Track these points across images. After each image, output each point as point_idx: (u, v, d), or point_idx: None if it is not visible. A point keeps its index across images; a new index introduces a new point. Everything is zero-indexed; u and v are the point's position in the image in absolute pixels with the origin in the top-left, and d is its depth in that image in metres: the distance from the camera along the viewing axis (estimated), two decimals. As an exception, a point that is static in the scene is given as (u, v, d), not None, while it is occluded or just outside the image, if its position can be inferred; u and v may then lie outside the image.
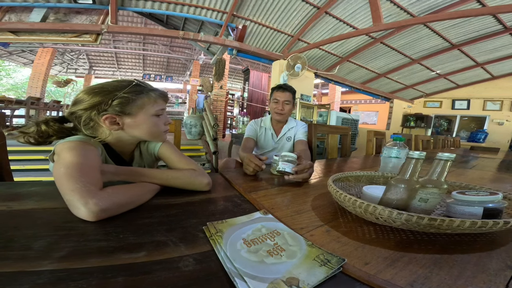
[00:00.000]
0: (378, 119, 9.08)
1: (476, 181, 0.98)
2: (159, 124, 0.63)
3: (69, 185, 0.41)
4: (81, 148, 0.50)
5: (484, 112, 6.03)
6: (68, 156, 0.47)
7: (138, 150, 0.72)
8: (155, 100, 0.60)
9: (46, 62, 6.89)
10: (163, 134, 0.65)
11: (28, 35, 2.70)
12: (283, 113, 1.32)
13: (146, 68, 10.44)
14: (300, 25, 3.36)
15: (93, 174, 0.45)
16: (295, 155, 0.72)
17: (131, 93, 0.56)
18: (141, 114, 0.58)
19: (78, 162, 0.45)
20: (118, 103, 0.55)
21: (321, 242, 0.37)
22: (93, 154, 0.52)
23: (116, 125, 0.57)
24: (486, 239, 0.41)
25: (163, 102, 0.63)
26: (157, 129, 0.62)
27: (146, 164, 0.74)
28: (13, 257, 0.29)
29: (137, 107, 0.57)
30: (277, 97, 1.32)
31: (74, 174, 0.42)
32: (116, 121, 0.57)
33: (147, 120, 0.59)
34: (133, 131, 0.60)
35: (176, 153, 0.69)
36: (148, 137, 0.63)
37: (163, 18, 3.65)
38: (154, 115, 0.60)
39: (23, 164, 2.27)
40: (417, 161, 0.47)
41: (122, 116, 0.57)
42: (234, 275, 0.28)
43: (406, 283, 0.28)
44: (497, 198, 0.43)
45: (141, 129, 0.60)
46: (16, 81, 12.35)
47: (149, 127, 0.60)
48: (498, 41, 3.78)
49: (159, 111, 0.61)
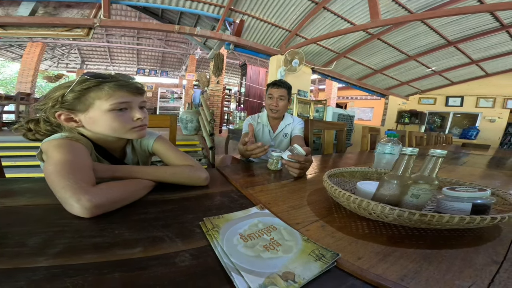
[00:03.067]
0: (373, 115, 9.14)
1: (466, 178, 1.01)
2: (122, 120, 0.55)
3: (59, 182, 0.40)
4: (67, 145, 0.49)
5: (477, 109, 6.13)
6: (55, 154, 0.46)
7: (130, 146, 0.70)
8: (110, 93, 0.53)
9: (35, 56, 6.68)
10: (132, 131, 0.57)
11: (16, 30, 2.60)
12: (278, 109, 1.32)
13: (140, 63, 10.23)
14: (298, 20, 3.33)
15: (84, 171, 0.45)
16: (305, 152, 0.76)
17: (80, 87, 0.52)
18: (93, 110, 0.53)
19: (66, 159, 0.44)
20: (68, 100, 0.52)
21: (316, 237, 0.38)
22: (82, 151, 0.50)
23: (73, 122, 0.55)
24: (474, 235, 0.42)
25: (126, 95, 0.55)
26: (119, 125, 0.55)
27: (140, 160, 0.73)
28: (7, 254, 0.29)
29: (86, 102, 0.53)
30: (271, 93, 1.32)
31: (63, 172, 0.42)
32: (72, 118, 0.54)
33: (103, 116, 0.53)
34: (94, 128, 0.55)
35: (172, 148, 0.67)
36: (112, 133, 0.56)
37: (158, 12, 3.56)
38: (112, 110, 0.53)
39: (15, 160, 2.22)
40: (410, 158, 0.48)
41: (75, 113, 0.54)
42: (231, 270, 0.28)
43: (397, 278, 0.29)
44: (485, 194, 0.44)
45: (99, 126, 0.55)
46: (4, 76, 11.96)
47: (108, 123, 0.54)
48: (494, 38, 3.81)
49: (117, 105, 0.53)
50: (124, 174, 0.53)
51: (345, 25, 3.37)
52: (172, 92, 9.61)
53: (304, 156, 0.75)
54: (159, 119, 1.03)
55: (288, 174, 0.77)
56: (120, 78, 0.56)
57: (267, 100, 1.36)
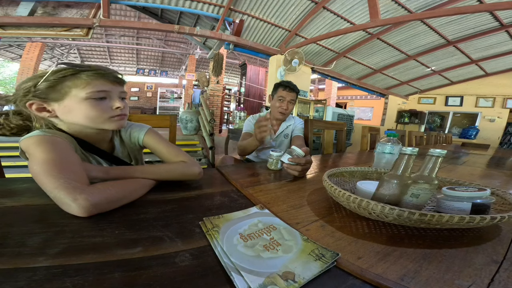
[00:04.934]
0: (373, 115, 9.15)
1: (466, 177, 1.01)
2: (100, 108, 0.53)
3: (50, 183, 0.40)
4: (49, 141, 0.47)
5: (476, 108, 6.13)
6: (38, 152, 0.44)
7: (118, 138, 0.67)
8: (88, 81, 0.52)
9: (35, 56, 6.66)
10: (110, 120, 0.56)
11: (15, 29, 2.59)
12: (286, 112, 1.32)
13: (140, 63, 10.22)
14: (298, 20, 3.33)
15: (73, 169, 0.44)
16: (303, 153, 0.75)
17: (55, 76, 0.51)
18: (68, 98, 0.52)
19: (51, 157, 0.43)
20: (41, 89, 0.50)
21: (316, 237, 0.38)
22: (65, 146, 0.49)
23: (46, 112, 0.53)
24: (473, 234, 0.42)
25: (105, 83, 0.54)
26: (96, 114, 0.53)
27: (131, 154, 0.71)
28: (8, 254, 0.29)
29: (62, 91, 0.51)
30: (283, 96, 1.29)
31: (52, 171, 0.41)
32: (45, 108, 0.52)
33: (80, 105, 0.52)
34: (68, 118, 0.53)
35: (163, 141, 0.66)
36: (89, 123, 0.54)
37: (157, 12, 3.55)
38: (89, 98, 0.52)
39: (14, 161, 2.22)
40: (409, 157, 0.48)
41: (49, 102, 0.52)
42: (231, 269, 0.28)
43: (397, 277, 0.29)
44: (485, 194, 0.44)
45: (75, 115, 0.53)
46: (4, 76, 11.93)
47: (84, 112, 0.52)
48: (493, 38, 3.81)
49: (95, 93, 0.52)
50: (119, 174, 0.52)
51: (345, 24, 3.37)
52: (172, 92, 9.61)
53: (303, 156, 0.75)
54: (159, 119, 1.03)
55: (288, 174, 0.78)
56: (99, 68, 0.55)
57: (275, 102, 1.32)
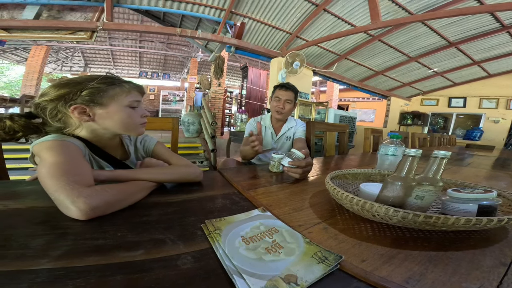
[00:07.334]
0: (375, 116, 9.11)
1: (471, 179, 1.00)
2: (134, 116, 0.60)
3: (52, 185, 0.40)
4: (59, 146, 0.48)
5: (480, 110, 6.07)
6: (47, 156, 0.46)
7: (133, 146, 0.72)
8: (129, 91, 0.58)
9: (40, 59, 6.78)
10: (139, 126, 0.62)
11: (20, 33, 2.64)
12: (283, 111, 1.33)
13: (143, 66, 10.33)
14: (299, 23, 3.34)
15: (78, 172, 0.44)
16: (303, 156, 0.75)
17: (103, 83, 0.55)
18: (113, 104, 0.56)
19: (59, 161, 0.44)
20: (88, 93, 0.53)
21: (319, 240, 0.38)
22: (75, 151, 0.50)
23: (86, 116, 0.55)
24: (480, 236, 0.41)
25: (138, 94, 0.61)
26: (131, 121, 0.59)
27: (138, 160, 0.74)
28: (10, 256, 0.29)
29: (109, 97, 0.56)
30: (279, 96, 1.32)
31: (56, 173, 0.41)
32: (86, 111, 0.55)
33: (120, 111, 0.57)
34: (106, 123, 0.57)
35: (168, 151, 0.74)
36: (122, 129, 0.59)
37: (160, 15, 3.60)
38: (128, 106, 0.58)
39: (19, 163, 2.24)
40: (413, 159, 0.47)
41: (92, 107, 0.55)
42: (233, 272, 0.28)
43: (402, 280, 0.29)
44: (492, 195, 0.44)
45: (114, 120, 0.57)
46: (9, 79, 12.12)
47: (123, 118, 0.58)
48: (495, 39, 3.80)
49: (133, 103, 0.59)
50: (126, 175, 0.53)
51: (346, 27, 3.38)
52: (174, 95, 9.67)
53: (304, 159, 0.74)
54: (162, 122, 1.04)
55: (289, 176, 0.77)
56: (131, 82, 0.63)
57: (273, 102, 1.36)
